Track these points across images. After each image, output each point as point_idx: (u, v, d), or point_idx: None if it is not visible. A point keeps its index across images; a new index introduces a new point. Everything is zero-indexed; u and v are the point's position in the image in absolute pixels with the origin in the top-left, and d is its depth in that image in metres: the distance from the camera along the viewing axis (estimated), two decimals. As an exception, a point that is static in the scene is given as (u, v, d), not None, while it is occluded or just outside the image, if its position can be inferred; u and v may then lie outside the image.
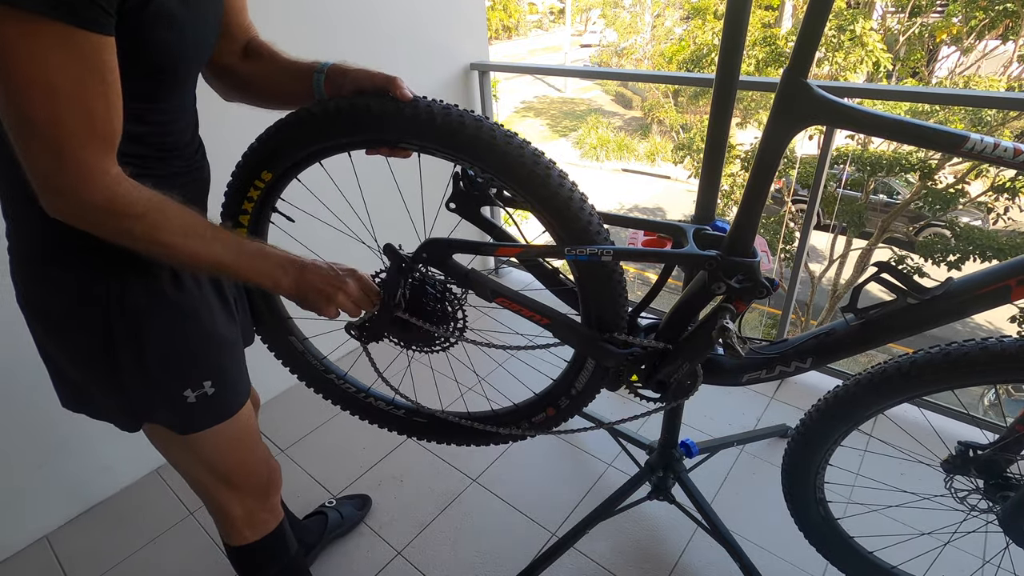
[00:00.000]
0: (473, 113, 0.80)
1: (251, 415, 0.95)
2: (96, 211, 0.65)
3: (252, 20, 0.92)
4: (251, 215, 0.94)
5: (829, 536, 1.17)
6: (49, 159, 0.61)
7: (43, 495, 1.57)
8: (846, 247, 7.79)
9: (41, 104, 0.58)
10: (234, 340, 0.90)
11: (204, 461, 0.92)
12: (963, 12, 7.02)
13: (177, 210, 0.71)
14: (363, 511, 1.60)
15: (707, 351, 0.94)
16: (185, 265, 0.75)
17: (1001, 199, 6.47)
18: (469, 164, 0.84)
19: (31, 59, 0.56)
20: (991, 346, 0.83)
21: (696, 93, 11.70)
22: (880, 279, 0.84)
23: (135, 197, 0.66)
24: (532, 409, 1.10)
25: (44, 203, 0.64)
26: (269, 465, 1.03)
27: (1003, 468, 0.97)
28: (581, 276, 0.91)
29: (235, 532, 1.00)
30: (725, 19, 0.88)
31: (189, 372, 0.83)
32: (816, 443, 1.06)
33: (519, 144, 0.80)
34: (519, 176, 0.81)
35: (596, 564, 1.44)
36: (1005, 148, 0.70)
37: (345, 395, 1.16)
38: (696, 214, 1.08)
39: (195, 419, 0.86)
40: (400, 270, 0.91)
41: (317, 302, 0.83)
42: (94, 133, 0.62)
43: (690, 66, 8.77)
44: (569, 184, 0.83)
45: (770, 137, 0.81)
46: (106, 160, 0.64)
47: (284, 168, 0.89)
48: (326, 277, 0.83)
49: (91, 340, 0.77)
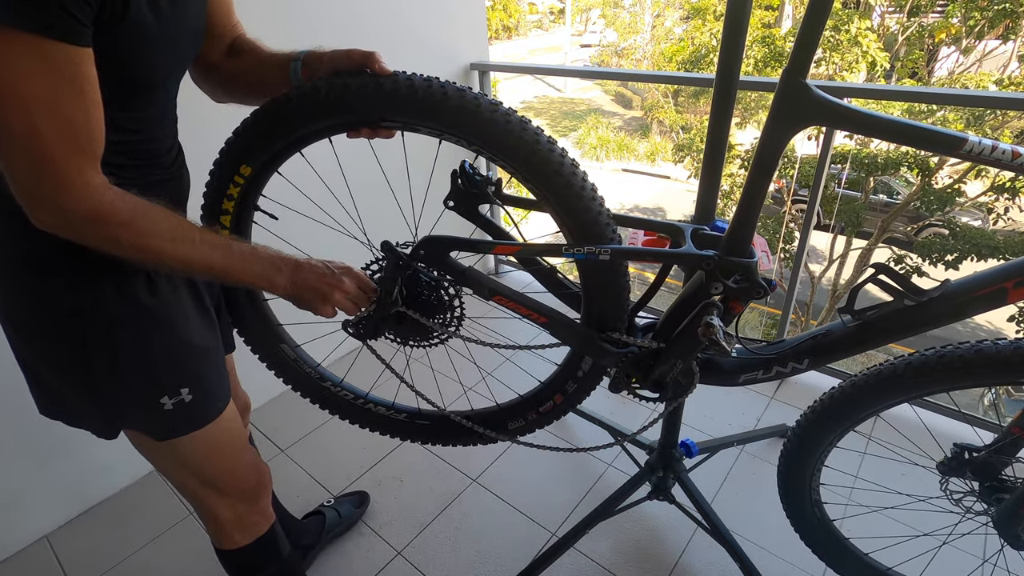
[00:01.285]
0: (456, 84, 0.78)
1: (235, 419, 0.95)
2: (81, 222, 0.65)
3: (247, 19, 0.91)
4: (232, 215, 0.91)
5: (825, 538, 1.18)
6: (31, 171, 0.61)
7: (43, 495, 1.57)
8: (846, 247, 7.80)
9: (17, 115, 0.58)
10: (212, 347, 0.89)
11: (188, 466, 0.92)
12: (962, 12, 7.02)
13: (163, 215, 0.70)
14: (361, 508, 1.60)
15: (696, 349, 0.94)
16: (175, 271, 0.74)
17: (1001, 199, 6.48)
18: (455, 138, 0.81)
19: (5, 70, 0.56)
20: (985, 349, 0.83)
21: (696, 93, 11.73)
22: (877, 280, 0.84)
23: (120, 206, 0.66)
24: (538, 399, 1.08)
25: (29, 214, 0.64)
26: (258, 469, 1.02)
27: (998, 471, 0.97)
28: (587, 273, 0.90)
29: (224, 536, 1.00)
30: (725, 19, 0.89)
31: (165, 379, 0.82)
32: (811, 445, 1.06)
33: (504, 113, 0.78)
34: (506, 145, 0.79)
35: (596, 564, 1.44)
36: (1003, 151, 0.70)
37: (342, 403, 1.14)
38: (696, 214, 1.08)
39: (173, 426, 0.85)
40: (397, 267, 0.91)
41: (313, 301, 0.83)
42: (75, 144, 0.62)
43: (690, 66, 8.77)
44: (559, 150, 0.81)
45: (769, 138, 0.81)
46: (89, 170, 0.64)
47: (263, 161, 0.87)
48: (322, 276, 0.82)
49: (68, 348, 0.77)
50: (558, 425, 1.89)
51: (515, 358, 1.96)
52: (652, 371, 0.99)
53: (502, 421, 1.12)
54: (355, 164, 1.25)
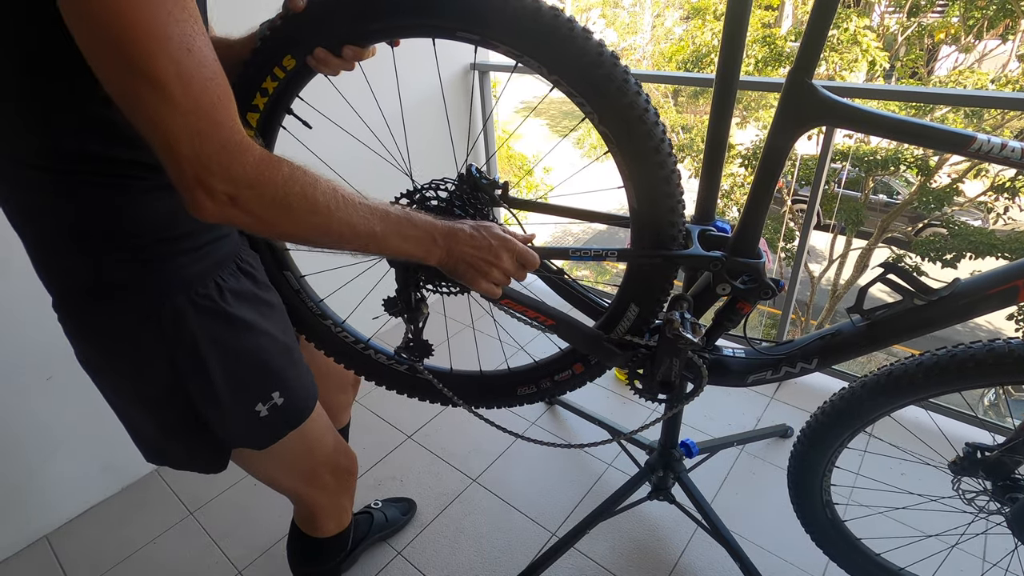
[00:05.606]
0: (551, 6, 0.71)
1: (321, 409, 0.93)
2: (250, 185, 0.56)
3: (244, 18, 0.85)
4: (263, 113, 0.80)
5: (836, 538, 1.17)
6: (192, 134, 0.52)
7: (43, 495, 1.57)
8: (846, 247, 7.80)
9: (166, 60, 0.50)
10: (291, 342, 0.86)
11: (287, 467, 0.91)
12: (962, 12, 7.03)
13: (314, 172, 0.61)
14: (408, 516, 1.58)
15: (675, 345, 0.93)
16: (330, 242, 0.64)
17: (1001, 199, 6.50)
18: (536, 63, 0.73)
19: (146, 8, 0.49)
20: (998, 348, 0.82)
21: (696, 93, 11.71)
22: (886, 280, 0.83)
23: (276, 159, 0.58)
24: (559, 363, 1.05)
25: (198, 197, 0.55)
26: (348, 453, 1.02)
27: (1011, 470, 0.96)
28: (634, 270, 0.89)
29: (320, 524, 1.01)
30: (725, 19, 0.88)
31: (258, 387, 0.79)
32: (822, 446, 1.05)
33: (598, 44, 0.72)
34: (594, 78, 0.72)
35: (596, 564, 1.44)
36: (1013, 148, 0.70)
37: (341, 346, 1.05)
38: (696, 214, 1.07)
39: (271, 432, 0.83)
40: (407, 280, 0.88)
41: (468, 276, 0.75)
42: (220, 88, 0.54)
43: (690, 66, 8.77)
44: (647, 96, 0.75)
45: (775, 138, 0.80)
46: (238, 120, 0.56)
47: (311, 48, 0.74)
48: (480, 248, 0.74)
49: (157, 377, 0.73)
50: (558, 425, 1.88)
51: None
52: (655, 371, 0.98)
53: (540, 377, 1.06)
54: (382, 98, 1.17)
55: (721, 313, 0.96)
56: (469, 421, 1.90)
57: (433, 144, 2.40)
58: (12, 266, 1.32)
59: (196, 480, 1.71)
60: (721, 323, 0.96)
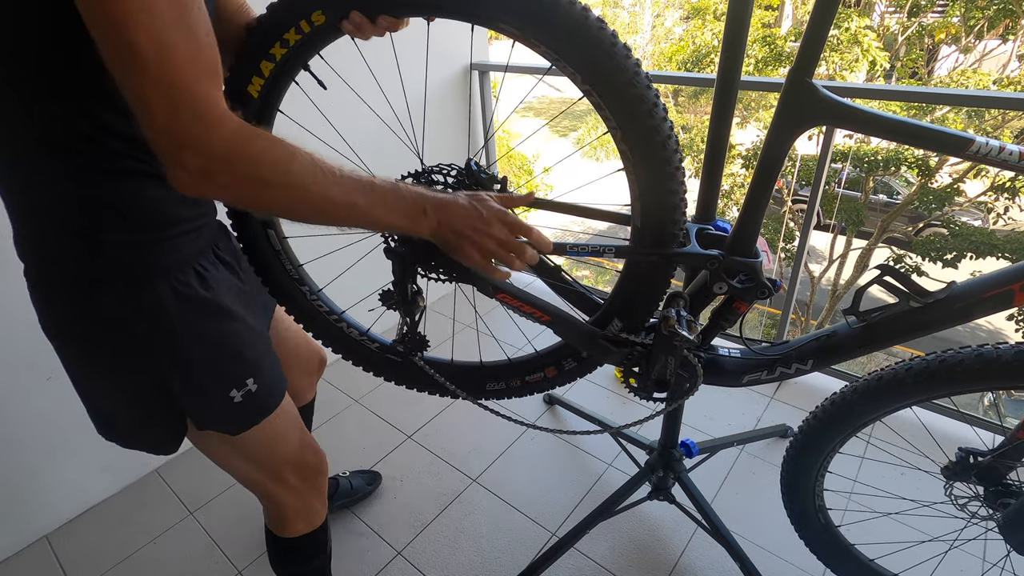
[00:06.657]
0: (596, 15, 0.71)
1: (291, 402, 0.93)
2: (223, 158, 0.56)
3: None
4: (277, 65, 0.77)
5: (829, 543, 1.17)
6: (167, 103, 0.53)
7: (43, 495, 1.57)
8: (846, 247, 7.81)
9: (147, 34, 0.51)
10: (262, 330, 0.87)
11: (254, 458, 0.91)
12: (962, 11, 7.03)
13: (294, 145, 0.61)
14: (373, 486, 1.66)
15: (670, 342, 0.93)
16: (309, 216, 0.63)
17: (1001, 199, 6.50)
18: (571, 69, 0.74)
19: None
20: (986, 353, 0.82)
21: (696, 93, 11.71)
22: (883, 282, 0.83)
23: (254, 132, 0.58)
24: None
25: (172, 168, 0.56)
26: (316, 451, 1.01)
27: (1003, 475, 0.96)
28: (631, 268, 0.89)
29: (288, 524, 1.00)
30: (726, 19, 0.88)
31: (233, 372, 0.80)
32: (815, 450, 1.05)
33: (636, 63, 0.73)
34: (626, 97, 0.72)
35: (596, 564, 1.44)
36: (1010, 152, 0.70)
37: (313, 315, 1.03)
38: (696, 214, 1.07)
39: (244, 419, 0.84)
40: (404, 272, 0.89)
41: (457, 245, 0.72)
42: (204, 64, 0.55)
43: (690, 66, 8.77)
44: (671, 124, 0.75)
45: (774, 138, 0.80)
46: (219, 96, 0.57)
47: (346, 11, 0.72)
48: (469, 216, 0.71)
49: (136, 361, 0.74)
50: (557, 424, 1.89)
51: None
52: (650, 369, 0.98)
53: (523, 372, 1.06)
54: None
55: (717, 312, 0.96)
56: (469, 421, 1.90)
57: (444, 135, 2.39)
58: (12, 266, 1.32)
59: (196, 480, 1.72)
60: (717, 322, 0.96)
